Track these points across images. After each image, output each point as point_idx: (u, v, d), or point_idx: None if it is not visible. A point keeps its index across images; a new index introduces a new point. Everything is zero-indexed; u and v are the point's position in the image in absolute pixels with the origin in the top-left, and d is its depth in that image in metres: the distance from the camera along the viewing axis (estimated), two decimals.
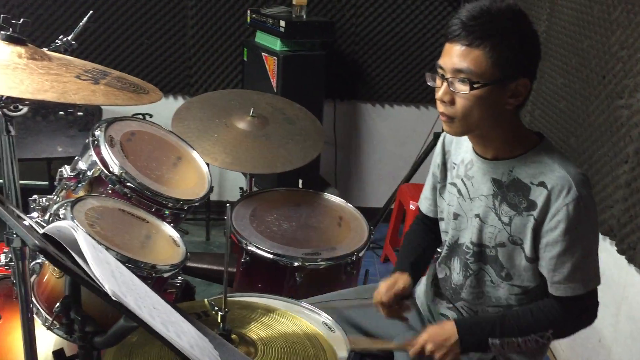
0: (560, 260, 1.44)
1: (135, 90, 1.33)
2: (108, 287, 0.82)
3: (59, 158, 2.93)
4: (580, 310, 1.51)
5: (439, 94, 1.43)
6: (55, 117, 3.06)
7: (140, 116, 3.07)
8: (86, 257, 0.87)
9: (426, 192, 1.78)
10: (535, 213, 1.44)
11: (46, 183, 3.07)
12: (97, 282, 0.85)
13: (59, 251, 0.95)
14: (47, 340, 1.61)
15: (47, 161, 2.99)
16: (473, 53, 1.36)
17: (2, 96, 1.25)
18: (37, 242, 0.84)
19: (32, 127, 3.00)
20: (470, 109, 1.40)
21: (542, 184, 1.44)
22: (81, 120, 3.10)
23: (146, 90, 1.37)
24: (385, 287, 1.64)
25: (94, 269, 0.85)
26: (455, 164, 1.63)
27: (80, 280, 0.86)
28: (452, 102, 1.42)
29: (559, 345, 2.78)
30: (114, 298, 0.83)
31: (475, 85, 1.37)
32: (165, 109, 2.88)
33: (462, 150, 1.62)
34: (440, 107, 1.45)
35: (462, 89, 1.38)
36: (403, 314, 1.66)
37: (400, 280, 1.65)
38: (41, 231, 0.98)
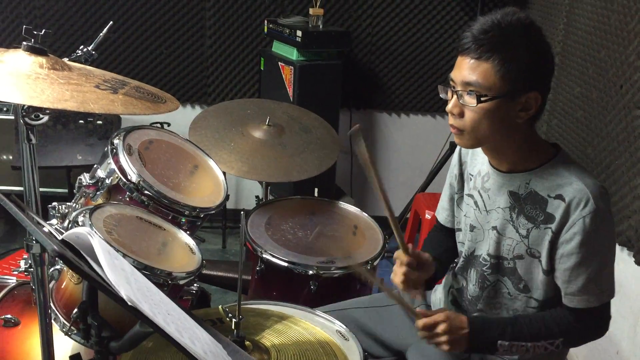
0: (575, 272, 1.44)
1: (153, 100, 1.36)
2: (124, 293, 0.84)
3: (79, 166, 2.98)
4: (592, 322, 1.50)
5: (449, 106, 1.45)
6: (75, 125, 3.11)
7: (158, 125, 3.11)
8: (102, 264, 0.89)
9: (443, 203, 1.78)
10: (553, 226, 1.44)
11: (66, 190, 3.11)
12: (113, 287, 0.86)
13: (77, 257, 0.97)
14: (65, 346, 1.63)
15: (67, 169, 3.04)
16: (482, 66, 1.36)
17: (24, 105, 1.28)
18: (56, 247, 0.86)
19: (52, 136, 3.05)
20: (479, 122, 1.40)
21: (559, 197, 1.43)
22: (100, 129, 3.15)
23: (163, 99, 1.40)
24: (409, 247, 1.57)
25: (110, 274, 0.87)
26: (472, 175, 1.63)
27: (97, 286, 0.88)
28: (461, 115, 1.43)
29: (576, 356, 2.75)
30: (129, 303, 0.84)
31: (482, 99, 1.37)
32: (183, 117, 2.91)
33: (478, 162, 1.62)
34: (451, 120, 1.46)
35: (470, 102, 1.39)
36: (419, 289, 1.60)
37: (424, 253, 1.61)
38: (60, 237, 1.00)
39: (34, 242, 1.27)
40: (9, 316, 1.75)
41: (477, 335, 1.48)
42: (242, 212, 1.24)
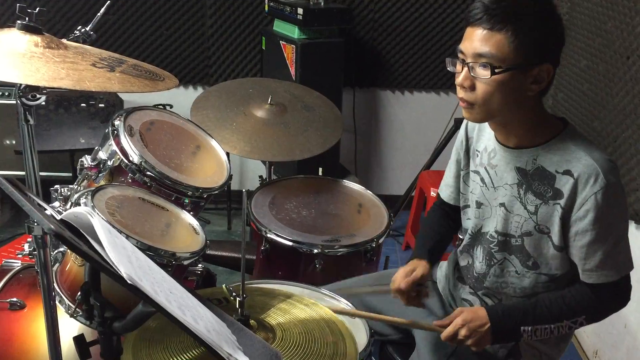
0: (591, 248, 1.42)
1: (151, 77, 1.34)
2: (124, 271, 0.83)
3: (82, 149, 2.97)
4: (613, 295, 1.49)
5: (459, 79, 1.41)
6: (77, 109, 3.10)
7: (161, 106, 3.09)
8: (102, 242, 0.88)
9: (448, 180, 1.76)
10: (562, 202, 1.42)
11: (70, 174, 3.11)
12: (114, 266, 0.85)
13: (77, 237, 0.96)
14: (71, 328, 1.63)
15: (70, 152, 3.04)
16: (495, 37, 1.33)
17: (20, 85, 1.26)
18: (53, 226, 0.85)
19: (54, 120, 3.04)
20: (491, 95, 1.37)
21: (567, 172, 1.41)
22: (103, 112, 3.13)
23: (162, 77, 1.38)
24: (403, 274, 1.62)
25: (110, 253, 0.86)
26: (479, 152, 1.61)
27: (96, 265, 0.87)
28: (472, 88, 1.39)
29: (584, 332, 2.75)
30: (129, 282, 0.83)
31: (496, 70, 1.34)
32: (185, 99, 2.89)
33: (484, 137, 1.60)
34: (460, 93, 1.42)
35: (484, 73, 1.36)
36: (422, 300, 1.65)
37: (419, 267, 1.62)
38: (59, 217, 0.99)
39: (35, 224, 1.26)
40: (14, 299, 1.75)
41: (499, 326, 1.47)
42: (243, 191, 1.23)
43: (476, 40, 1.36)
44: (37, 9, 1.29)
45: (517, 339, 1.51)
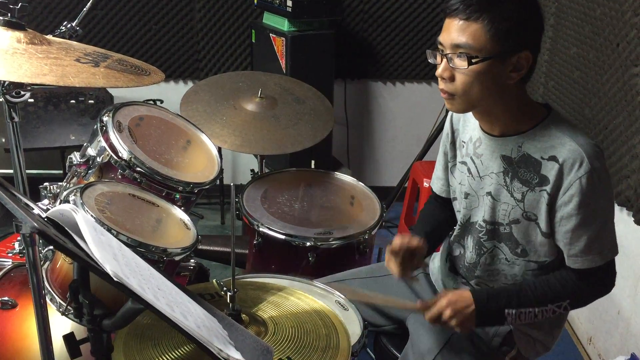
0: (576, 233, 1.42)
1: (136, 72, 1.32)
2: (109, 269, 0.82)
3: (72, 146, 2.96)
4: (598, 281, 1.49)
5: (438, 70, 1.41)
6: (66, 106, 3.08)
7: (151, 102, 3.08)
8: (86, 239, 0.87)
9: (438, 172, 1.76)
10: (548, 188, 1.42)
11: (60, 171, 3.09)
12: (99, 263, 0.84)
13: (63, 235, 0.95)
14: (64, 326, 1.62)
15: (61, 150, 3.02)
16: (471, 27, 1.33)
17: (4, 82, 1.24)
18: (37, 224, 0.84)
19: (44, 117, 3.02)
20: (470, 85, 1.37)
21: (553, 158, 1.41)
22: (92, 108, 3.12)
23: (147, 71, 1.36)
24: (400, 239, 1.60)
25: (95, 250, 0.85)
26: (464, 142, 1.61)
27: (82, 262, 0.86)
28: (452, 79, 1.39)
29: (578, 319, 2.76)
30: (115, 279, 0.82)
31: (473, 60, 1.34)
32: (175, 94, 2.88)
33: (469, 128, 1.60)
34: (441, 84, 1.43)
35: (461, 64, 1.36)
36: (414, 273, 1.63)
37: (415, 239, 1.61)
38: (44, 215, 0.98)
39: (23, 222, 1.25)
40: (6, 298, 1.73)
41: (483, 308, 1.47)
42: (231, 185, 1.22)
43: (453, 31, 1.36)
44: (20, 5, 1.27)
45: (501, 322, 1.51)
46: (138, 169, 1.74)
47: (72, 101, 3.09)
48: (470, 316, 1.47)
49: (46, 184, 1.78)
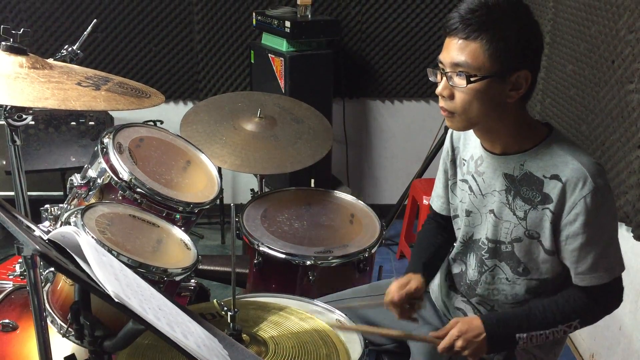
0: (583, 251, 1.42)
1: (137, 95, 1.34)
2: (111, 290, 0.83)
3: (73, 168, 2.97)
4: (606, 297, 1.50)
5: (438, 88, 1.43)
6: (67, 127, 3.10)
7: (151, 123, 3.10)
8: (89, 261, 0.87)
9: (438, 190, 1.77)
10: (551, 206, 1.42)
11: (61, 193, 3.10)
12: (101, 284, 0.85)
13: (64, 257, 0.95)
14: (65, 348, 1.62)
15: (61, 171, 3.03)
16: (470, 46, 1.35)
17: (6, 106, 1.26)
18: (38, 247, 0.84)
19: (44, 139, 3.04)
20: (470, 103, 1.38)
21: (555, 177, 1.41)
22: (93, 130, 3.13)
23: (148, 94, 1.38)
24: (397, 286, 1.61)
25: (97, 271, 0.85)
26: (465, 160, 1.62)
27: (83, 284, 0.87)
28: (451, 97, 1.41)
29: (580, 335, 2.75)
30: (116, 300, 0.83)
31: (472, 79, 1.35)
32: (175, 115, 2.90)
33: (470, 145, 1.61)
34: (441, 102, 1.44)
35: (460, 83, 1.37)
36: (414, 314, 1.64)
37: (413, 280, 1.62)
38: (45, 237, 0.99)
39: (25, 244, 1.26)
40: (7, 321, 1.73)
41: (494, 335, 1.47)
42: (232, 205, 1.23)
43: (453, 50, 1.37)
44: (22, 30, 1.29)
45: (513, 347, 1.51)
46: (138, 189, 1.75)
47: (73, 123, 3.11)
48: (481, 344, 1.46)
49: (47, 205, 1.78)
